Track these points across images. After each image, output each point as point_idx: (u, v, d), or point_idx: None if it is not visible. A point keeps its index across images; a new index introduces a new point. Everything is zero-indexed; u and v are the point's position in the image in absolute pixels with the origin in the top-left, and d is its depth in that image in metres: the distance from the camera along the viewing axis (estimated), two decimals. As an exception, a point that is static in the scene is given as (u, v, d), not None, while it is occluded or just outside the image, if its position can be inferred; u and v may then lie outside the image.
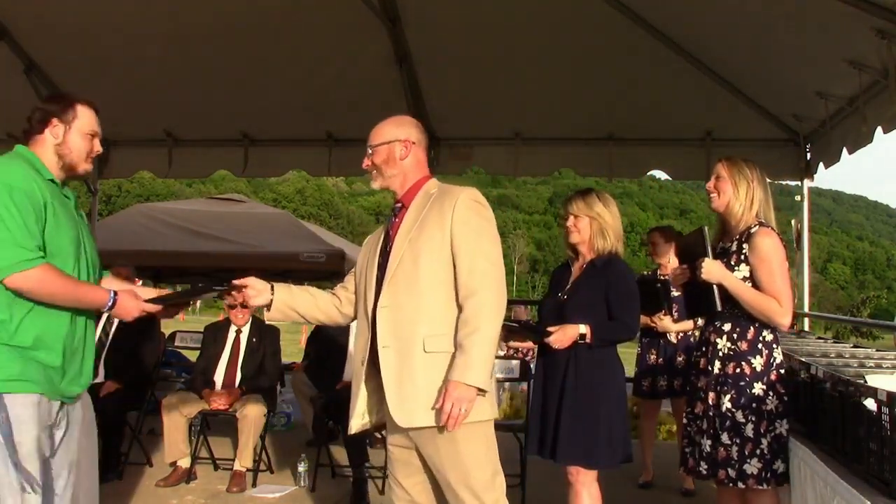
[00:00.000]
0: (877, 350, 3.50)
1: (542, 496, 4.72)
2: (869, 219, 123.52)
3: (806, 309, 6.08)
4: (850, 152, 5.03)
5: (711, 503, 4.66)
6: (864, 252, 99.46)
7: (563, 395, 3.32)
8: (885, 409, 2.16)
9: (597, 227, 3.38)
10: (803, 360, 3.06)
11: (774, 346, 2.99)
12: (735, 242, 3.05)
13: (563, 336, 3.27)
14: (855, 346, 3.75)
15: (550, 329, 3.31)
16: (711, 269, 2.98)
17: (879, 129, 4.51)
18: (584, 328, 3.24)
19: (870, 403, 2.27)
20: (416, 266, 2.54)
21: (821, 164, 5.80)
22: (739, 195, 3.05)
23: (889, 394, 2.14)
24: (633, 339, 3.51)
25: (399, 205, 2.73)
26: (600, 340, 3.25)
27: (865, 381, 2.45)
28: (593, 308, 3.28)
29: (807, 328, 5.85)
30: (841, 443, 2.53)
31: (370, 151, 2.81)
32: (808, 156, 6.03)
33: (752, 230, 3.01)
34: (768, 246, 2.96)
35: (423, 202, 2.64)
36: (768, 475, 2.91)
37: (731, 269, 3.01)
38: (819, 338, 4.43)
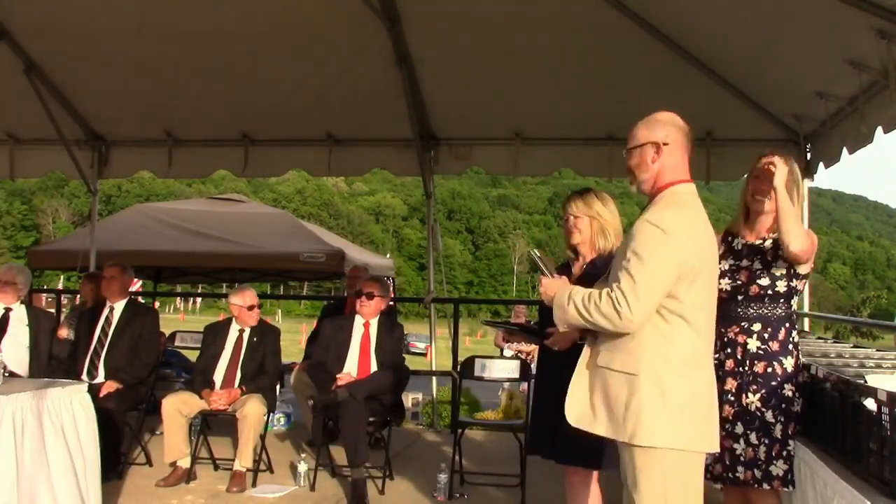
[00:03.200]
0: (877, 350, 3.50)
1: (542, 496, 4.72)
2: (869, 219, 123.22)
3: (806, 309, 6.07)
4: (850, 152, 5.03)
5: (711, 503, 4.66)
6: (864, 252, 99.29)
7: (563, 396, 3.31)
8: (885, 409, 2.16)
9: (597, 226, 3.36)
10: (803, 360, 3.05)
11: (800, 347, 2.97)
12: (770, 240, 3.00)
13: (561, 337, 3.26)
14: (855, 346, 3.75)
15: (550, 330, 3.31)
16: None
17: (879, 129, 4.50)
18: None
19: (870, 403, 2.28)
20: (605, 283, 2.54)
21: (821, 164, 5.80)
22: (792, 201, 2.96)
23: (889, 394, 2.14)
24: None
25: None
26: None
27: (865, 381, 2.45)
28: None
29: (807, 328, 5.85)
30: (841, 443, 2.53)
31: (626, 155, 2.64)
32: (808, 156, 6.02)
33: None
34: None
35: (640, 217, 2.52)
36: (792, 477, 2.86)
37: (769, 265, 2.95)
38: (819, 338, 4.43)
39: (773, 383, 2.88)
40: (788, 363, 2.90)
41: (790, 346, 2.92)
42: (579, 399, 2.57)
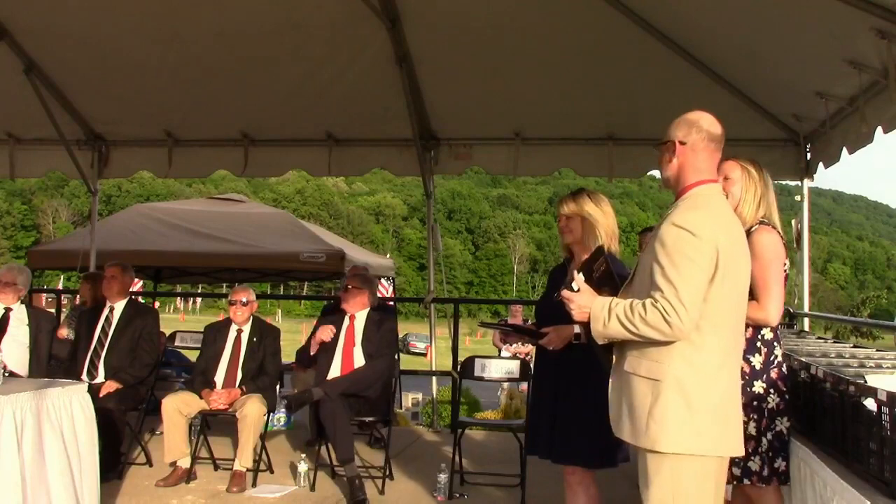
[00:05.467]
0: (877, 350, 3.50)
1: (542, 496, 4.72)
2: (869, 219, 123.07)
3: (806, 309, 6.07)
4: (850, 152, 5.04)
5: None
6: (864, 252, 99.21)
7: (559, 396, 3.32)
8: (885, 409, 2.16)
9: (588, 226, 3.38)
10: (803, 360, 3.05)
11: (775, 343, 2.97)
12: None
13: (556, 336, 3.27)
14: (855, 346, 3.75)
15: (545, 330, 3.31)
16: None
17: (879, 129, 4.51)
18: (577, 328, 3.21)
19: (870, 403, 2.27)
20: (631, 287, 2.53)
21: (821, 164, 5.80)
22: (747, 198, 3.04)
23: (889, 394, 2.14)
24: None
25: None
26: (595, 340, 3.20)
27: (865, 381, 2.44)
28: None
29: (807, 328, 5.85)
30: (841, 443, 2.53)
31: (655, 148, 2.65)
32: (808, 156, 6.03)
33: (752, 229, 3.00)
34: (764, 242, 2.94)
35: (664, 218, 2.50)
36: (770, 473, 2.89)
37: None
38: (819, 338, 4.43)
39: (741, 382, 2.89)
40: (756, 360, 2.94)
41: (758, 344, 2.95)
42: (613, 406, 2.56)
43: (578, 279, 2.56)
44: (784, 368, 2.97)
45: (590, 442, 3.23)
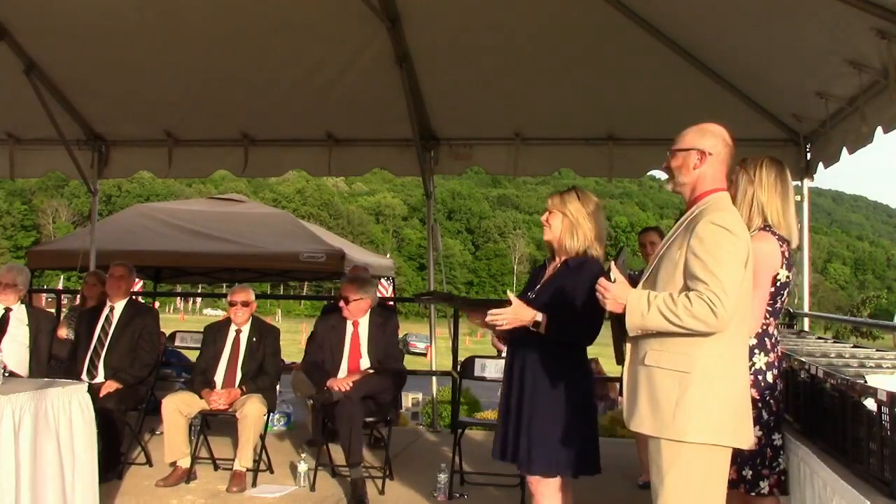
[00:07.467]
0: (877, 350, 3.49)
1: (542, 496, 4.71)
2: (869, 219, 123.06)
3: (806, 309, 6.07)
4: (850, 152, 5.04)
5: None
6: (864, 252, 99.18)
7: (526, 399, 3.18)
8: (885, 409, 2.16)
9: (567, 224, 3.19)
10: (803, 360, 3.05)
11: (756, 351, 2.89)
12: None
13: (513, 314, 3.05)
14: (855, 346, 3.74)
15: (511, 299, 3.08)
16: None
17: (879, 129, 4.51)
18: (540, 316, 3.05)
19: (870, 403, 2.27)
20: (654, 283, 2.58)
21: (821, 164, 5.80)
22: (737, 201, 2.95)
23: (889, 394, 2.14)
24: (591, 344, 3.18)
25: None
26: (554, 335, 3.06)
27: (865, 381, 2.44)
28: (561, 308, 3.09)
29: (807, 328, 5.85)
30: (841, 443, 2.53)
31: (669, 154, 2.69)
32: (808, 156, 6.03)
33: (752, 235, 2.88)
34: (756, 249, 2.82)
35: (686, 217, 2.59)
36: (761, 481, 2.85)
37: None
38: (819, 338, 4.42)
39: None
40: (760, 360, 2.88)
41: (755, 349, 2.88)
42: (628, 399, 2.60)
43: (615, 271, 2.55)
44: (764, 377, 2.90)
45: (549, 449, 3.10)
